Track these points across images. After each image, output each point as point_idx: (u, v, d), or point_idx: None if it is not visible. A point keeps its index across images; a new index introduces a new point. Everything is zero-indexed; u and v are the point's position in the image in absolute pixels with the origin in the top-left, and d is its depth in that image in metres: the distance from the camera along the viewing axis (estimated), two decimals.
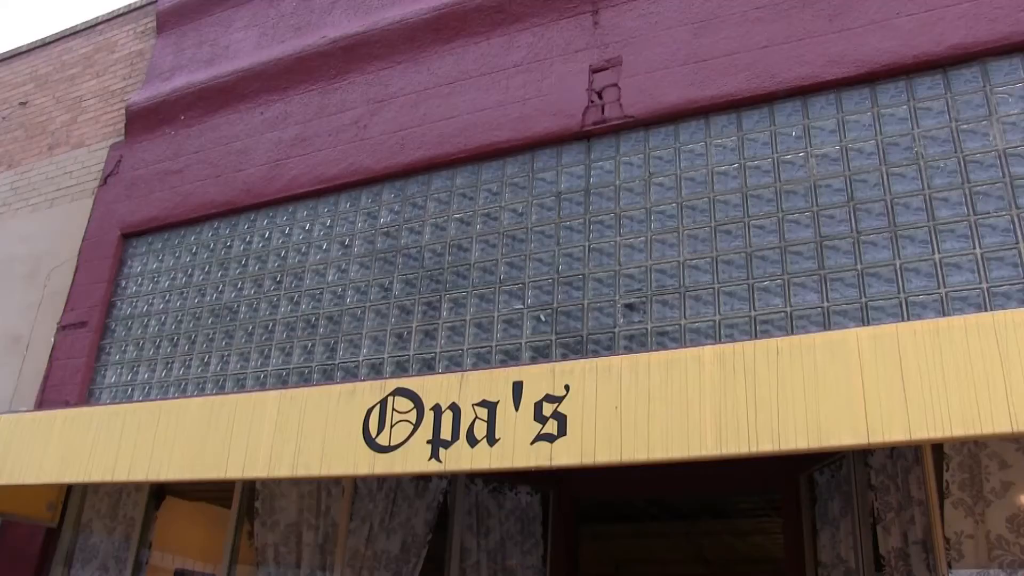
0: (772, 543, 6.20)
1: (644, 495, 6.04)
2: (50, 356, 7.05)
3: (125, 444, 4.39)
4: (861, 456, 4.57)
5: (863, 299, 4.21)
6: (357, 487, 5.21)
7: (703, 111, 4.96)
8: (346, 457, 3.59)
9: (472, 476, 5.62)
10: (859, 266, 4.28)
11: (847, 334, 3.15)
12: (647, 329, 4.58)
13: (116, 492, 6.38)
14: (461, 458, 3.33)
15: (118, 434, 4.44)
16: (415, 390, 3.56)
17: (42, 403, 6.70)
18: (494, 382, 3.43)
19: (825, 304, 4.27)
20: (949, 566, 3.85)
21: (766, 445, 3.07)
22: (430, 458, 3.39)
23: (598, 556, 6.38)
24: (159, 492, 6.27)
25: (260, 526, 5.50)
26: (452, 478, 5.54)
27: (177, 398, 5.53)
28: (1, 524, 6.58)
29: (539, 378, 3.38)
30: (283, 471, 3.79)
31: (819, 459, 5.06)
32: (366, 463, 3.52)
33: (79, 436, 4.59)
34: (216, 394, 4.77)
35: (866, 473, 4.52)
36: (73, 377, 6.74)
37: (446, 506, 5.49)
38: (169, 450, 4.20)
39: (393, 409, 3.56)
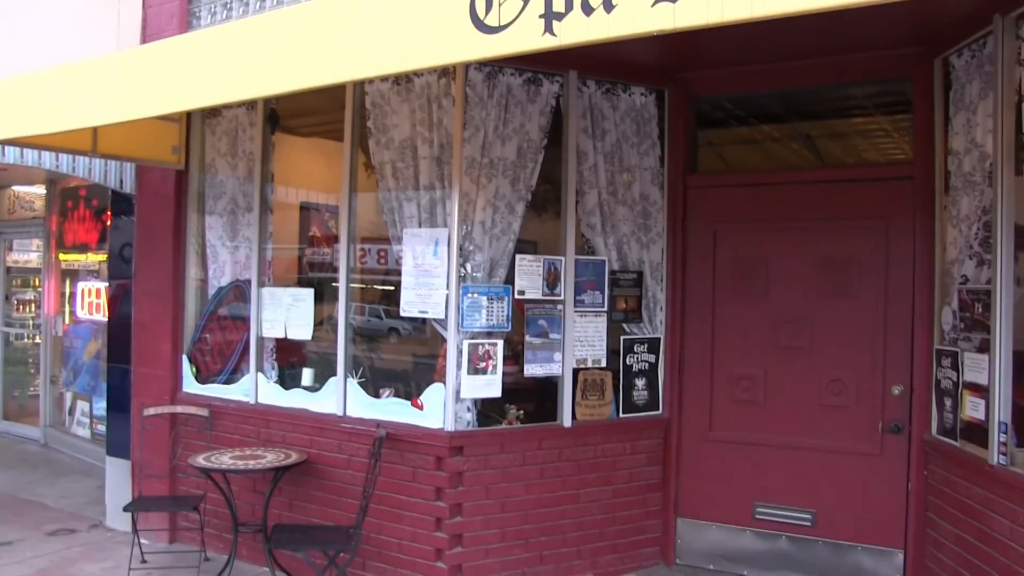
0: (887, 143, 6.02)
1: (762, 89, 5.77)
2: (143, 5, 6.93)
3: (233, 64, 4.30)
4: (1013, 28, 4.17)
5: None
6: (467, 96, 5.10)
7: None
8: (454, 42, 3.40)
9: (584, 78, 5.44)
10: None
11: None
12: None
13: (232, 130, 6.50)
14: (576, 28, 3.10)
15: (225, 55, 4.34)
16: None
17: None
18: None
19: None
20: None
21: None
22: (544, 33, 3.17)
23: (715, 161, 6.30)
24: (272, 119, 6.35)
25: (375, 145, 5.52)
26: (564, 80, 5.37)
27: None
28: (137, 169, 6.90)
29: None
30: (392, 67, 3.68)
31: (958, 40, 4.68)
32: (477, 46, 3.34)
33: (184, 62, 4.52)
34: None
35: (1017, 47, 4.14)
36: (170, 23, 6.65)
37: (559, 110, 5.39)
38: (275, 63, 4.09)
39: None
